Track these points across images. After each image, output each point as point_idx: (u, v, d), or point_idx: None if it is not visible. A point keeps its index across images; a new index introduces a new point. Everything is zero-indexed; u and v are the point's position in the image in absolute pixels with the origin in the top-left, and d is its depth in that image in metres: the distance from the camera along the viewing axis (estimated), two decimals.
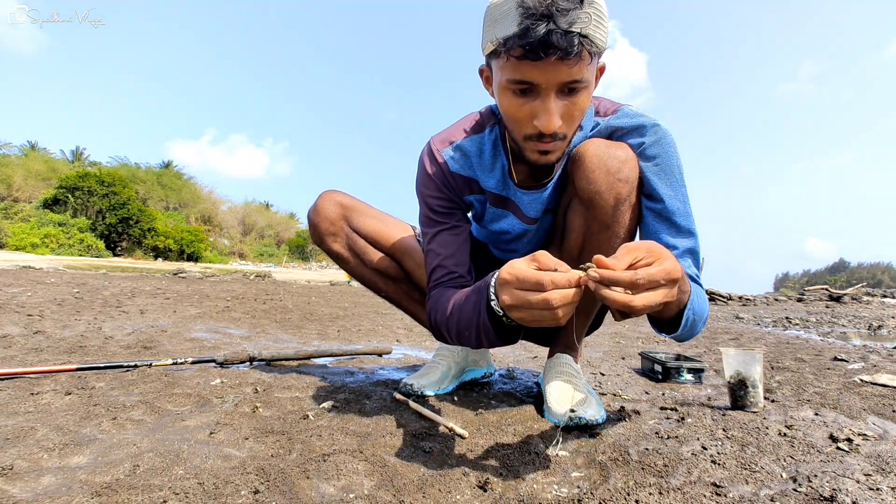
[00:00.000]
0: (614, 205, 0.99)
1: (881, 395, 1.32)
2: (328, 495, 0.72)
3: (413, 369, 1.67)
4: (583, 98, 0.87)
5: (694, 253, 1.02)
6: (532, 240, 1.21)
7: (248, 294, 4.83)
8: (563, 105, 0.86)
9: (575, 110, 0.88)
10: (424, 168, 1.12)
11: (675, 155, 1.02)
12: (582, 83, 0.84)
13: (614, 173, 0.97)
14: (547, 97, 0.85)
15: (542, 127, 0.86)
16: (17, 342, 1.77)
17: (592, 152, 0.98)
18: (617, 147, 0.99)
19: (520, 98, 0.87)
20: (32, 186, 25.67)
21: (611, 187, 0.97)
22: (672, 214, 1.01)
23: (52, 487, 0.70)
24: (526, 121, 0.89)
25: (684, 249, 1.01)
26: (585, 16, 0.78)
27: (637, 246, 0.70)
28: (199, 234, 27.55)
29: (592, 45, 0.81)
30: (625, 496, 0.71)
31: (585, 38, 0.79)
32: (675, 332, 0.89)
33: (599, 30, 0.81)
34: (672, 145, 1.02)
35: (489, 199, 1.14)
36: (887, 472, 0.79)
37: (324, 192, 1.32)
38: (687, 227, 1.01)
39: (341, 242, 1.31)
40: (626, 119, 1.03)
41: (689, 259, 1.01)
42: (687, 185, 1.03)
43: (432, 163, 1.11)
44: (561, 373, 1.17)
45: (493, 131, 1.10)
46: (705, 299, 0.98)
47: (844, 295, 7.91)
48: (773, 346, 2.50)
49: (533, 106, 0.86)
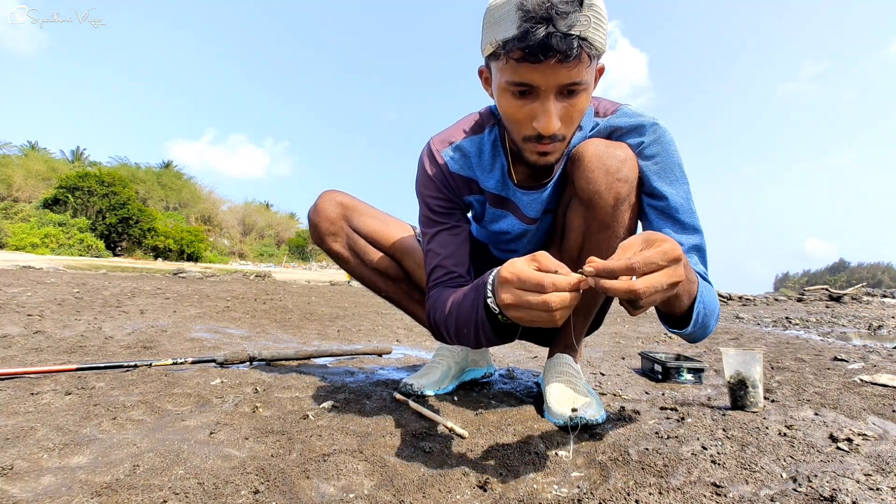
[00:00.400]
0: (614, 204, 0.99)
1: (881, 395, 1.32)
2: (328, 495, 0.72)
3: (413, 369, 1.67)
4: (582, 100, 0.87)
5: (700, 249, 1.01)
6: (532, 240, 1.21)
7: (248, 294, 4.83)
8: (562, 107, 0.86)
9: (574, 112, 0.88)
10: (424, 168, 1.12)
11: (674, 153, 1.02)
12: (581, 85, 0.85)
13: (614, 173, 0.97)
14: (546, 99, 0.85)
15: (541, 129, 0.87)
16: (17, 342, 1.77)
17: (592, 152, 0.98)
18: (616, 147, 0.99)
19: (519, 100, 0.87)
20: (32, 186, 25.66)
21: (610, 187, 0.98)
22: (675, 212, 1.00)
23: (52, 487, 0.70)
24: (525, 122, 0.89)
25: (690, 246, 1.00)
26: (585, 19, 0.78)
27: (633, 239, 0.69)
28: (199, 234, 27.55)
29: (591, 47, 0.81)
30: (625, 496, 0.71)
31: (585, 40, 0.80)
32: (687, 328, 0.86)
33: (598, 32, 0.81)
34: (671, 143, 1.02)
35: (489, 199, 1.14)
36: (887, 472, 0.79)
37: (324, 192, 1.32)
38: (691, 224, 1.01)
39: (341, 242, 1.31)
40: (624, 119, 1.03)
41: (696, 256, 1.00)
42: (689, 182, 1.03)
43: (432, 163, 1.11)
44: (561, 373, 1.17)
45: (493, 132, 1.10)
46: (715, 296, 0.96)
47: (844, 295, 7.91)
48: (773, 346, 2.50)
49: (532, 108, 0.87)
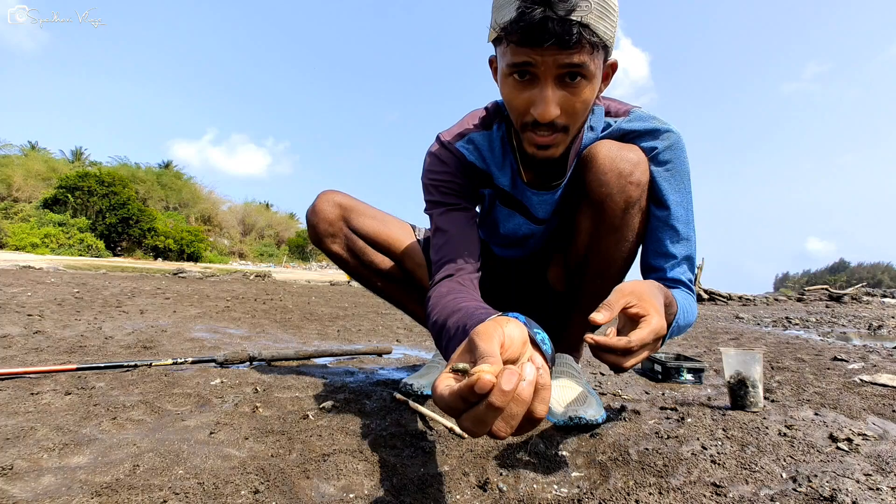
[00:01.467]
0: (624, 208, 0.99)
1: (881, 395, 1.32)
2: (328, 495, 0.72)
3: (413, 369, 1.67)
4: (584, 90, 0.84)
5: (690, 259, 1.06)
6: (538, 242, 1.21)
7: (248, 294, 4.83)
8: (562, 95, 0.84)
9: (576, 101, 0.85)
10: (437, 157, 1.07)
11: (686, 161, 1.03)
12: (582, 69, 0.81)
13: (626, 176, 0.97)
14: (545, 85, 0.83)
15: (537, 115, 0.84)
16: (17, 342, 1.77)
17: (604, 154, 0.98)
18: (629, 150, 0.99)
19: (519, 85, 0.85)
20: (32, 186, 25.64)
21: (622, 190, 0.97)
22: (676, 221, 1.03)
23: (52, 487, 0.70)
24: (524, 109, 0.87)
25: (682, 257, 1.05)
26: (586, 5, 0.76)
27: (629, 291, 0.76)
28: (199, 234, 27.53)
29: (594, 34, 0.78)
30: (625, 496, 0.71)
31: (586, 27, 0.77)
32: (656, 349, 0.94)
33: (603, 21, 0.79)
34: (684, 151, 1.02)
35: (499, 197, 1.12)
36: (887, 472, 0.79)
37: (322, 193, 1.31)
38: (686, 235, 1.05)
39: (340, 243, 1.30)
40: (638, 122, 1.02)
41: (686, 265, 1.06)
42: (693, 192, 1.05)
43: (447, 152, 1.07)
44: (561, 373, 1.17)
45: (501, 129, 1.07)
46: (693, 305, 1.03)
47: (844, 295, 7.90)
48: (773, 346, 2.50)
49: (531, 94, 0.85)
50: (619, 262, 1.07)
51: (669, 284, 1.04)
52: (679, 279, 1.05)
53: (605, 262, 1.07)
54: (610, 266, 1.08)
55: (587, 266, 1.10)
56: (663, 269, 1.05)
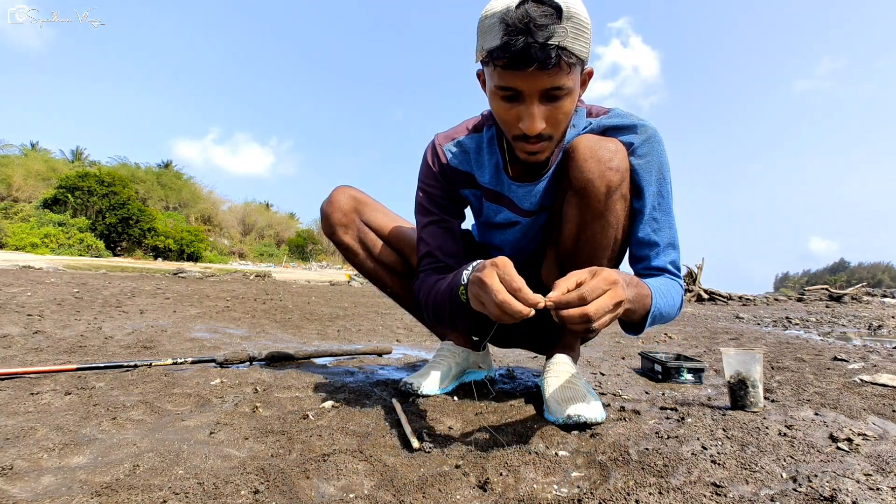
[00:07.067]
0: (606, 192, 1.03)
1: (881, 395, 1.32)
2: (328, 495, 0.72)
3: (413, 369, 1.67)
4: (565, 103, 0.95)
5: (673, 245, 1.12)
6: (527, 234, 1.24)
7: (248, 294, 4.83)
8: (547, 110, 0.95)
9: (559, 114, 0.96)
10: (427, 161, 1.23)
11: (663, 154, 1.09)
12: (563, 90, 0.92)
13: (605, 162, 1.02)
14: (531, 103, 0.93)
15: (525, 129, 0.95)
16: (17, 342, 1.77)
17: (585, 144, 1.04)
18: (608, 140, 1.05)
19: (507, 103, 0.96)
20: (32, 186, 25.62)
21: (602, 175, 1.02)
22: (655, 210, 1.09)
23: (52, 487, 0.70)
24: (513, 123, 0.97)
25: (665, 244, 1.10)
26: (562, 30, 0.86)
27: (580, 270, 0.83)
28: (199, 234, 27.51)
29: (571, 55, 0.89)
30: (625, 496, 0.71)
31: (564, 49, 0.87)
32: (641, 332, 1.03)
33: (578, 42, 0.89)
34: (661, 144, 1.09)
35: (484, 194, 1.21)
36: (887, 472, 0.79)
37: (338, 187, 1.40)
38: (666, 223, 1.10)
39: (352, 234, 1.36)
40: (617, 119, 1.10)
41: (670, 251, 1.11)
42: (672, 182, 1.11)
43: (434, 156, 1.21)
44: (560, 373, 1.18)
45: (490, 131, 1.18)
46: (677, 292, 1.08)
47: (844, 295, 7.90)
48: (773, 346, 2.50)
49: (518, 110, 0.95)
50: (606, 249, 1.11)
51: (655, 272, 1.10)
52: (663, 267, 1.11)
53: (592, 249, 1.10)
54: (598, 253, 1.11)
55: (576, 257, 1.13)
56: (648, 258, 1.11)
